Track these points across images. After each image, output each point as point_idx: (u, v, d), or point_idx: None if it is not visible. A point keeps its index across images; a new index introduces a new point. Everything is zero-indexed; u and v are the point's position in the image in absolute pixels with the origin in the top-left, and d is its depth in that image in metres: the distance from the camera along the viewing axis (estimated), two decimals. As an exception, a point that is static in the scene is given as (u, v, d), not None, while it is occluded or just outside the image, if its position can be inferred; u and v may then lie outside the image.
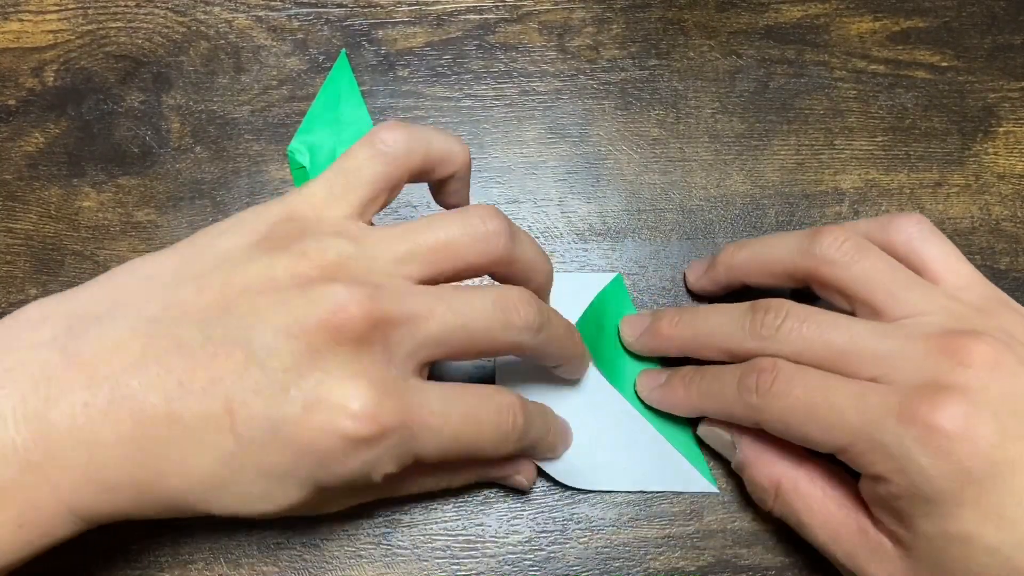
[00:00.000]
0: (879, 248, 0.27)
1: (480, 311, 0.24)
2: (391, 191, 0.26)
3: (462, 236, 0.24)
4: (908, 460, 0.23)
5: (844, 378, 0.25)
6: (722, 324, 0.28)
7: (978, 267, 0.33)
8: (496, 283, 0.26)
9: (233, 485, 0.22)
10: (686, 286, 0.33)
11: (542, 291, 0.27)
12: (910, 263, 0.27)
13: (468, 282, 0.30)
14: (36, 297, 0.32)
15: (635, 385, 0.30)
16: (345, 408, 0.21)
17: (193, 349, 0.22)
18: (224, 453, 0.22)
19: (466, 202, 0.28)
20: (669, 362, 0.31)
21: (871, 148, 0.35)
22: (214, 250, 0.24)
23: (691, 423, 0.30)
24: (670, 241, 0.33)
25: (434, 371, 0.27)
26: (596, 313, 0.31)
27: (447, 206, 0.28)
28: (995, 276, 0.33)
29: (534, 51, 0.36)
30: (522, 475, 0.29)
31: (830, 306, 0.28)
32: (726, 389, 0.27)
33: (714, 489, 0.30)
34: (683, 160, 0.34)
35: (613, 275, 0.32)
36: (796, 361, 0.26)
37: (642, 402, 0.30)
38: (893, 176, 0.34)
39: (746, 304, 0.27)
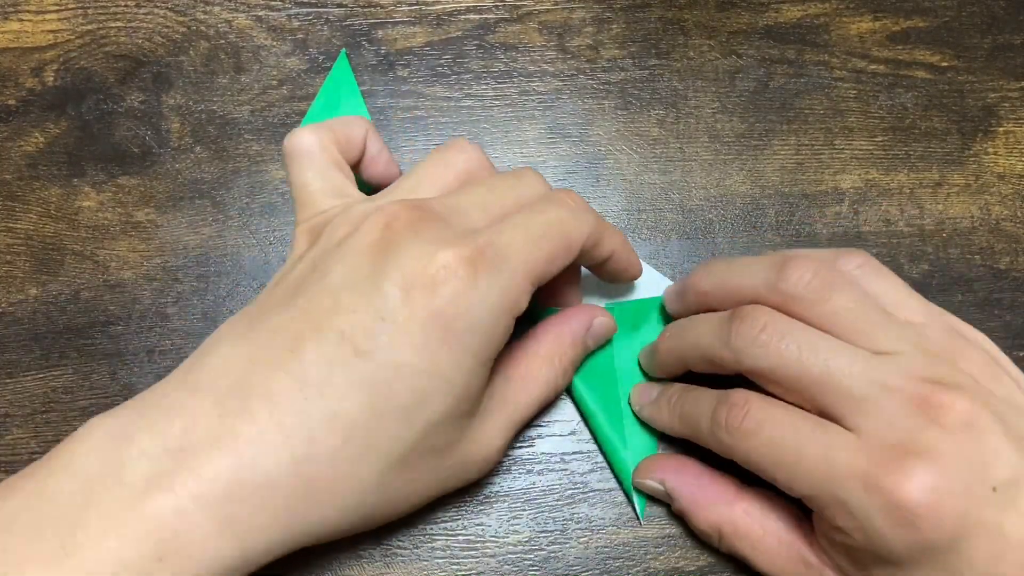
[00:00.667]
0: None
1: (528, 187, 0.27)
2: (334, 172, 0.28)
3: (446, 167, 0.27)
4: (870, 524, 0.23)
5: (815, 423, 0.24)
6: (703, 334, 0.27)
7: (978, 267, 0.33)
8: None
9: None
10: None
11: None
12: None
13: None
14: (36, 297, 0.32)
15: (628, 397, 0.31)
16: (432, 263, 0.23)
17: (285, 324, 0.23)
18: (365, 377, 0.23)
19: (395, 172, 0.31)
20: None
21: (871, 148, 0.35)
22: (272, 281, 0.26)
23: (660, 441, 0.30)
24: (670, 241, 0.33)
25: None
26: (644, 309, 0.32)
27: (373, 181, 0.31)
28: (995, 276, 0.33)
29: (534, 51, 0.36)
30: (600, 316, 0.29)
31: None
32: (702, 420, 0.27)
33: (639, 519, 0.30)
34: (683, 160, 0.34)
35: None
36: (770, 378, 0.25)
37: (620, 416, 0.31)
38: (893, 176, 0.34)
39: (727, 312, 0.26)
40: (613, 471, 0.30)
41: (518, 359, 0.28)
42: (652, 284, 0.32)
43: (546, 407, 0.30)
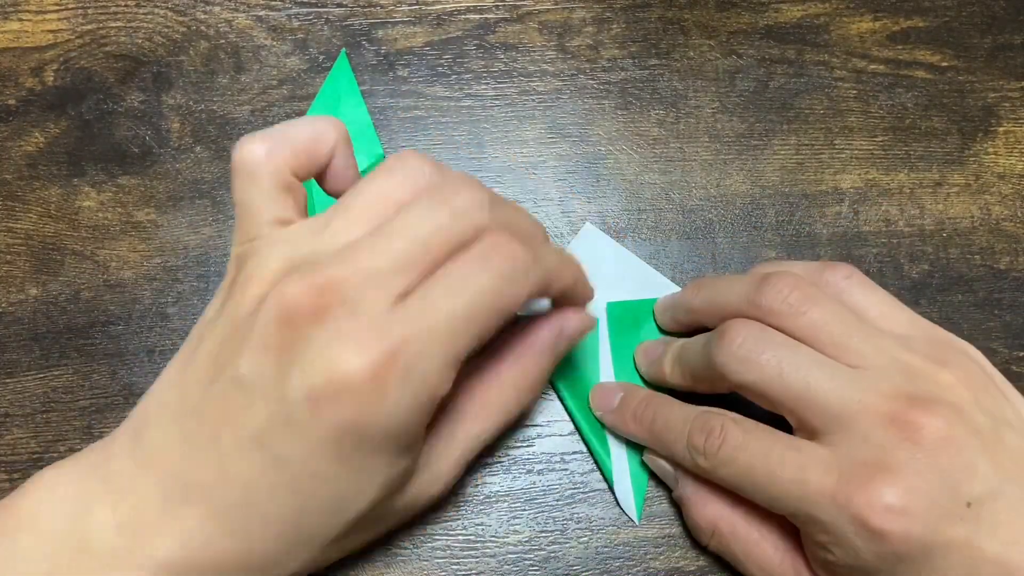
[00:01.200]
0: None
1: (424, 223, 0.23)
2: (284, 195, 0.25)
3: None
4: (843, 538, 0.23)
5: (788, 443, 0.25)
6: (691, 345, 0.28)
7: (978, 267, 0.33)
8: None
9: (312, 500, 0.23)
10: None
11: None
12: None
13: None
14: (36, 297, 0.32)
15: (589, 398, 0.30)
16: (337, 374, 0.21)
17: (207, 415, 0.23)
18: (277, 478, 0.22)
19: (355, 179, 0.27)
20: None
21: (871, 148, 0.35)
22: (199, 328, 0.25)
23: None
24: (670, 241, 0.33)
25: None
26: (642, 309, 0.32)
27: (334, 195, 0.27)
28: (995, 276, 0.33)
29: (534, 51, 0.36)
30: (572, 320, 0.27)
31: None
32: (676, 444, 0.27)
33: (635, 520, 0.30)
34: (683, 160, 0.34)
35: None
36: (753, 391, 0.26)
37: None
38: (893, 176, 0.34)
39: (717, 329, 0.27)
40: (604, 474, 0.30)
41: (472, 388, 0.26)
42: (652, 284, 0.32)
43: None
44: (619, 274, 0.32)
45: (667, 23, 0.36)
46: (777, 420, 0.26)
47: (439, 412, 0.25)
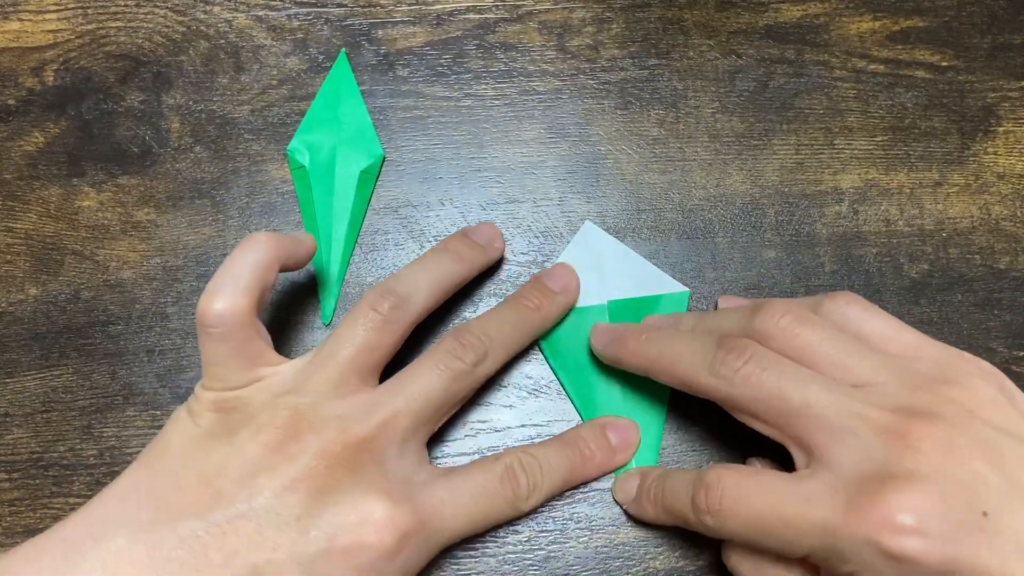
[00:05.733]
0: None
1: (430, 381, 0.26)
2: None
3: (368, 331, 0.26)
4: (863, 563, 0.22)
5: (786, 481, 0.24)
6: (686, 353, 0.27)
7: (978, 267, 0.33)
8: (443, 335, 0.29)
9: None
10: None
11: (477, 265, 0.30)
12: None
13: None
14: (36, 297, 0.32)
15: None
16: (366, 522, 0.23)
17: (199, 538, 0.23)
18: None
19: (311, 247, 0.29)
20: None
21: (871, 148, 0.35)
22: (173, 450, 0.25)
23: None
24: (670, 241, 0.33)
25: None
26: (644, 306, 0.32)
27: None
28: (995, 276, 0.33)
29: (534, 51, 0.36)
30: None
31: None
32: (685, 511, 0.26)
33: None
34: (683, 160, 0.34)
35: (684, 290, 0.32)
36: (749, 409, 0.25)
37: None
38: (893, 176, 0.34)
39: (714, 338, 0.26)
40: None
41: None
42: (652, 280, 0.32)
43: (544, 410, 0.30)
44: (620, 271, 0.32)
45: (667, 23, 0.36)
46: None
47: None
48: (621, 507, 0.30)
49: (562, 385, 0.31)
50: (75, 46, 0.35)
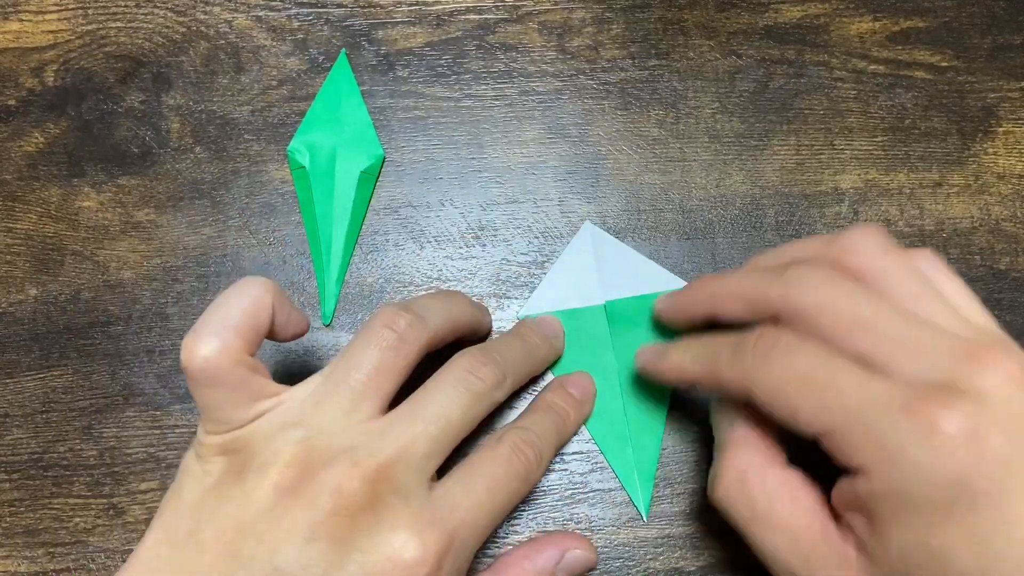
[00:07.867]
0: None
1: (449, 402, 0.25)
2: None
3: (383, 351, 0.25)
4: (902, 453, 0.21)
5: (849, 361, 0.23)
6: (750, 278, 0.26)
7: (978, 267, 0.33)
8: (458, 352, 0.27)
9: None
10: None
11: (480, 330, 0.30)
12: None
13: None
14: (36, 297, 0.32)
15: (636, 358, 0.30)
16: (401, 561, 0.22)
17: None
18: None
19: (304, 326, 0.28)
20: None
21: (871, 148, 0.35)
22: (185, 507, 0.23)
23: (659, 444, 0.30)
24: (670, 241, 0.33)
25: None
26: (643, 305, 0.32)
27: (286, 341, 0.28)
28: (995, 276, 0.33)
29: (534, 51, 0.36)
30: (577, 554, 0.27)
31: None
32: (721, 352, 0.25)
33: (643, 516, 0.30)
34: (683, 160, 0.34)
35: (683, 285, 0.32)
36: (815, 318, 0.24)
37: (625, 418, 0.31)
38: (893, 176, 0.34)
39: (780, 265, 0.26)
40: (615, 469, 0.30)
41: None
42: (653, 278, 0.32)
43: None
44: (620, 271, 0.32)
45: (667, 23, 0.36)
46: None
47: None
48: (637, 362, 0.30)
49: None
50: (75, 46, 0.35)
